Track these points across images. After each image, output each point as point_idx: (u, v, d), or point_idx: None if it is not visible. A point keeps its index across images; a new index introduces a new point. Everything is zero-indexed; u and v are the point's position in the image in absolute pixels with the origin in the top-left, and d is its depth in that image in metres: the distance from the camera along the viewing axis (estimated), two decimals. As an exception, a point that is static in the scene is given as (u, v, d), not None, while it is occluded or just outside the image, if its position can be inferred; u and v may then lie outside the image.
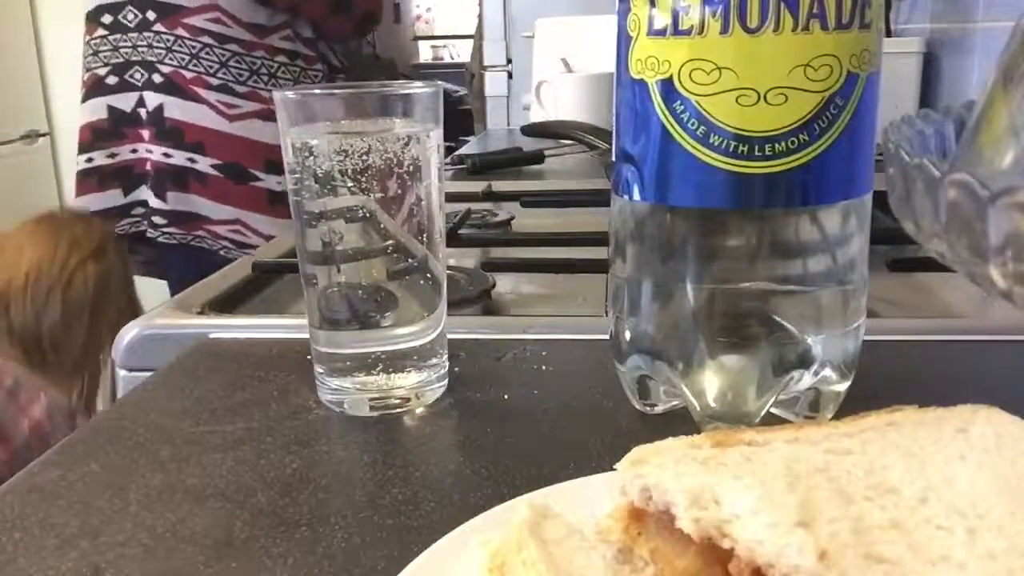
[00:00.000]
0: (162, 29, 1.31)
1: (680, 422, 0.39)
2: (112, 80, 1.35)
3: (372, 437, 0.41)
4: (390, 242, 0.42)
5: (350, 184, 0.40)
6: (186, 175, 1.33)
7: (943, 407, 0.29)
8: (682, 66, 0.34)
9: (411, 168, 0.41)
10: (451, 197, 0.83)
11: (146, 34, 1.32)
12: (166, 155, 1.33)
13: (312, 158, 0.40)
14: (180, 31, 1.31)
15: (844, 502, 0.23)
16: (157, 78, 1.32)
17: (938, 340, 0.49)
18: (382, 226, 0.41)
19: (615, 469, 0.27)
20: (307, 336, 0.44)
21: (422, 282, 0.43)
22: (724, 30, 0.33)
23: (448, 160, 1.19)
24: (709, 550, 0.23)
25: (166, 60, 1.32)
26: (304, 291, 0.43)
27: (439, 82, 0.43)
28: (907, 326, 0.51)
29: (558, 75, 1.52)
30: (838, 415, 0.38)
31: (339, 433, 0.41)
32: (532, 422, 0.41)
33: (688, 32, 0.33)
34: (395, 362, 0.42)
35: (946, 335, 0.49)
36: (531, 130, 1.50)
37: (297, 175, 0.41)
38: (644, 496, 0.25)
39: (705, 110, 0.34)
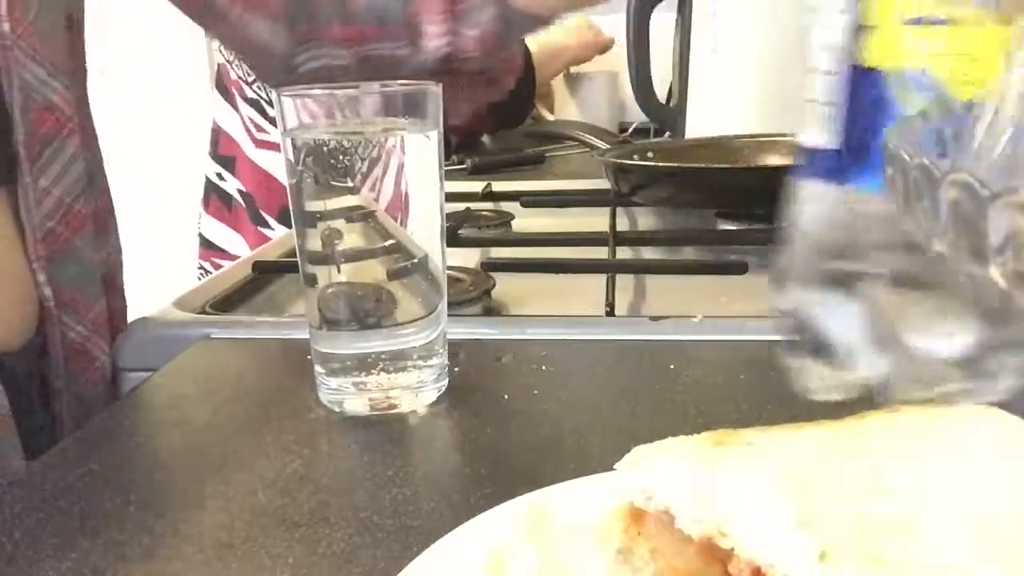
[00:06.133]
0: None
1: (680, 422, 0.39)
2: None
3: (372, 437, 0.41)
4: (390, 242, 0.42)
5: (350, 184, 0.40)
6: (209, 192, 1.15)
7: (943, 407, 0.29)
8: (934, 56, 0.33)
9: (411, 168, 0.41)
10: (451, 197, 0.83)
11: None
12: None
13: (312, 158, 0.40)
14: None
15: (844, 502, 0.23)
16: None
17: (938, 340, 0.49)
18: (382, 226, 0.41)
19: (615, 469, 0.27)
20: (307, 336, 0.44)
21: (422, 282, 0.43)
22: (981, 20, 0.32)
23: (448, 160, 1.18)
24: (709, 550, 0.23)
25: (222, 47, 1.12)
26: (304, 291, 0.43)
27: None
28: (907, 326, 0.51)
29: (564, 74, 1.52)
30: (838, 415, 0.38)
31: (339, 433, 0.41)
32: (532, 422, 0.41)
33: (942, 22, 0.33)
34: (395, 362, 0.42)
35: (946, 335, 0.49)
36: (531, 130, 1.50)
37: (297, 175, 0.41)
38: (644, 496, 0.25)
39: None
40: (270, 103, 1.09)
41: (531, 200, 0.89)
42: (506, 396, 0.44)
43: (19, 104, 0.49)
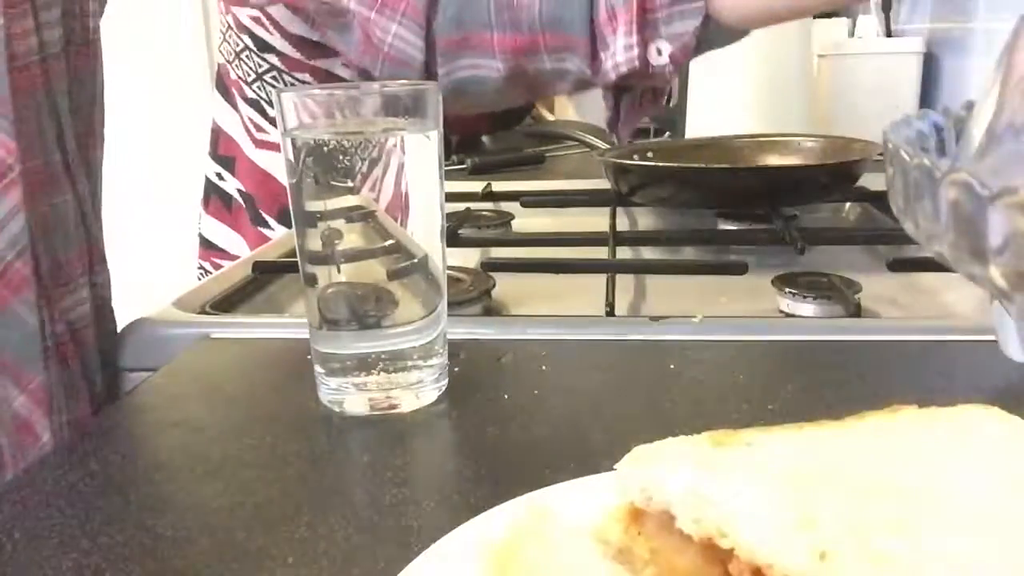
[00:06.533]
0: (223, 8, 1.08)
1: (681, 422, 0.39)
2: None
3: (372, 437, 0.41)
4: (390, 242, 0.42)
5: (350, 184, 0.40)
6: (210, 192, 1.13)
7: (943, 407, 0.29)
8: None
9: (411, 168, 0.41)
10: (451, 197, 0.83)
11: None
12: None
13: (312, 158, 0.40)
14: (230, 19, 1.06)
15: (844, 502, 0.23)
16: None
17: (938, 340, 0.49)
18: (382, 226, 0.41)
19: (615, 469, 0.27)
20: (307, 336, 0.44)
21: (422, 282, 0.43)
22: None
23: (448, 160, 1.18)
24: (709, 550, 0.23)
25: (222, 47, 1.09)
26: (304, 291, 0.43)
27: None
28: (907, 326, 0.51)
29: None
30: (838, 415, 0.38)
31: (339, 433, 0.41)
32: (532, 422, 0.41)
33: None
34: (395, 362, 0.42)
35: (946, 335, 0.49)
36: (531, 130, 1.50)
37: (297, 175, 0.41)
38: (644, 496, 0.25)
39: None
40: (270, 103, 1.07)
41: (531, 200, 0.89)
42: (506, 396, 0.44)
43: None
